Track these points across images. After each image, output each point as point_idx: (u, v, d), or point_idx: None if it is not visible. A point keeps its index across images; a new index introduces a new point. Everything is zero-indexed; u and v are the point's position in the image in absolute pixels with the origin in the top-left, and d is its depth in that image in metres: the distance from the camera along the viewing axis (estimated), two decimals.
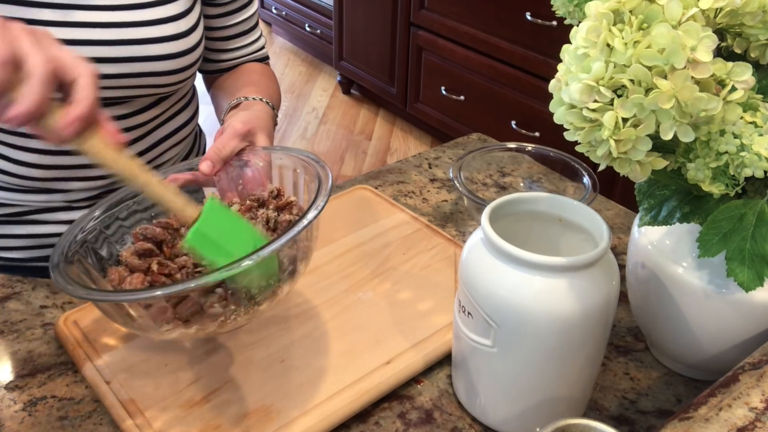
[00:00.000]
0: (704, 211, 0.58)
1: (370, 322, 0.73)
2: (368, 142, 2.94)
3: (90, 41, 0.78)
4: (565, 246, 0.63)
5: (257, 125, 0.78)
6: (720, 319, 0.61)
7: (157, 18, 0.82)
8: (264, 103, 0.87)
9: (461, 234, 0.90)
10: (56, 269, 0.60)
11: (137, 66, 0.81)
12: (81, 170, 0.86)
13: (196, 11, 0.88)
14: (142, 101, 0.87)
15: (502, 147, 0.97)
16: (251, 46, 1.01)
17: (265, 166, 0.75)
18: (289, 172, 0.73)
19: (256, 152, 0.76)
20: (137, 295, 0.58)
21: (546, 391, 0.60)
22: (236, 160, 0.75)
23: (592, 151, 0.50)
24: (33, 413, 0.64)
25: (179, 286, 0.54)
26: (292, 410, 0.63)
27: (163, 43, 0.82)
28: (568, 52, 0.50)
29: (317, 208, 0.59)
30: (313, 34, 3.45)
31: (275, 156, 0.75)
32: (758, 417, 0.49)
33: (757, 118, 0.51)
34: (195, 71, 0.92)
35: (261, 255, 0.54)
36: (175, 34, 0.83)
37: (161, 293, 0.55)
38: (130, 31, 0.80)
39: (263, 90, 0.91)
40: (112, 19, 0.79)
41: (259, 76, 0.97)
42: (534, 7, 2.15)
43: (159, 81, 0.85)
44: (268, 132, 0.80)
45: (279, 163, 0.74)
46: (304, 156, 0.71)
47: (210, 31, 0.96)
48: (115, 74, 0.81)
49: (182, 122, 0.96)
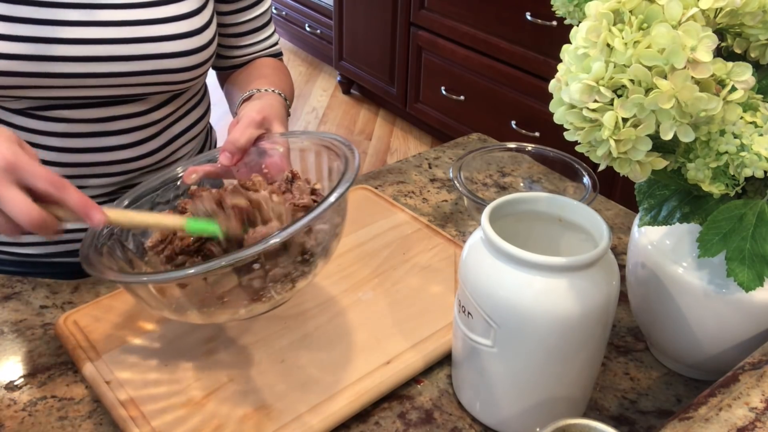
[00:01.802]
0: (704, 211, 0.58)
1: (370, 322, 0.73)
2: (368, 142, 2.94)
3: (105, 40, 0.79)
4: (565, 246, 0.63)
5: (271, 113, 0.78)
6: (720, 319, 0.61)
7: (170, 15, 0.83)
8: (276, 94, 0.87)
9: (461, 234, 0.90)
10: (86, 260, 0.62)
11: (152, 63, 0.82)
12: (99, 167, 0.87)
13: (209, 8, 0.88)
14: (157, 98, 0.88)
15: (502, 147, 0.97)
16: (264, 42, 1.01)
17: (284, 151, 0.75)
18: (311, 155, 0.73)
19: (273, 139, 0.76)
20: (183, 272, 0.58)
21: (546, 391, 0.60)
22: (254, 149, 0.75)
23: (592, 151, 0.50)
24: (33, 413, 0.64)
25: (218, 262, 0.54)
26: (292, 410, 0.63)
27: (177, 41, 0.83)
28: (568, 52, 0.50)
29: (348, 182, 0.61)
30: (313, 34, 3.45)
31: (293, 140, 0.75)
32: (758, 417, 0.49)
33: (757, 118, 0.51)
34: (209, 68, 0.92)
35: (297, 227, 0.55)
36: (188, 31, 0.84)
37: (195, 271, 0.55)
38: (145, 29, 0.81)
39: (275, 83, 0.91)
40: (126, 17, 0.80)
41: (272, 70, 0.97)
42: (534, 7, 2.15)
43: (173, 78, 0.85)
44: (283, 119, 0.80)
45: (299, 146, 0.75)
46: (326, 137, 0.71)
47: (223, 28, 0.96)
48: (130, 72, 0.81)
49: (195, 119, 0.96)
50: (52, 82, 0.78)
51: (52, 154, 0.84)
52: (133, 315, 0.74)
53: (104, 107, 0.84)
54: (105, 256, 0.65)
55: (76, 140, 0.84)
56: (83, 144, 0.84)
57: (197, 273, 0.56)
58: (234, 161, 0.73)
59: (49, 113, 0.82)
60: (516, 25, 2.23)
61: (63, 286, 0.79)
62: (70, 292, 0.79)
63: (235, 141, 0.73)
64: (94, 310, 0.74)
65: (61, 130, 0.83)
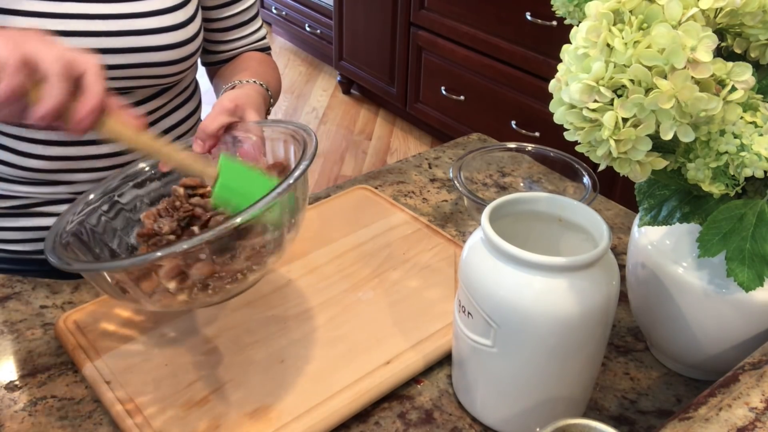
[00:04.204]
0: (704, 211, 0.58)
1: (370, 322, 0.73)
2: (368, 142, 2.94)
3: (89, 32, 0.80)
4: (565, 246, 0.63)
5: (246, 102, 0.78)
6: (720, 319, 0.61)
7: (154, 9, 0.83)
8: (257, 84, 0.87)
9: (461, 234, 0.90)
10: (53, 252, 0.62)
11: (137, 57, 0.83)
12: (86, 161, 0.87)
13: (194, 2, 0.89)
14: (145, 92, 0.88)
15: (502, 147, 0.97)
16: (250, 36, 1.01)
17: (257, 140, 0.75)
18: (279, 144, 0.73)
19: (247, 127, 0.76)
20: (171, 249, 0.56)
21: (546, 391, 0.60)
22: (228, 137, 0.75)
23: (592, 151, 0.50)
24: (33, 413, 0.64)
25: (193, 240, 0.54)
26: (292, 410, 0.63)
27: (162, 34, 0.84)
28: (568, 52, 0.50)
29: (308, 159, 0.62)
30: (313, 34, 3.45)
31: (266, 129, 0.75)
32: (758, 417, 0.49)
33: (757, 118, 0.51)
34: (195, 61, 0.93)
35: (269, 199, 0.56)
36: (172, 24, 0.85)
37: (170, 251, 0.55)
38: (129, 23, 0.82)
39: (259, 74, 0.91)
40: (110, 10, 0.81)
41: (257, 63, 0.98)
42: (534, 7, 2.15)
43: (159, 71, 0.86)
44: (257, 108, 0.80)
45: (268, 136, 0.75)
46: (291, 127, 0.72)
47: (208, 23, 0.97)
48: (115, 65, 0.82)
49: (185, 114, 0.97)
50: None
51: (37, 147, 0.84)
52: (133, 315, 0.74)
53: None
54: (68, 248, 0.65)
55: (62, 133, 0.84)
56: (70, 137, 0.84)
57: (146, 260, 0.55)
58: (206, 148, 0.73)
59: None
60: (516, 25, 2.23)
61: (63, 286, 0.79)
62: (70, 292, 0.79)
63: (205, 128, 0.73)
64: (94, 310, 0.74)
65: None
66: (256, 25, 1.02)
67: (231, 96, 0.78)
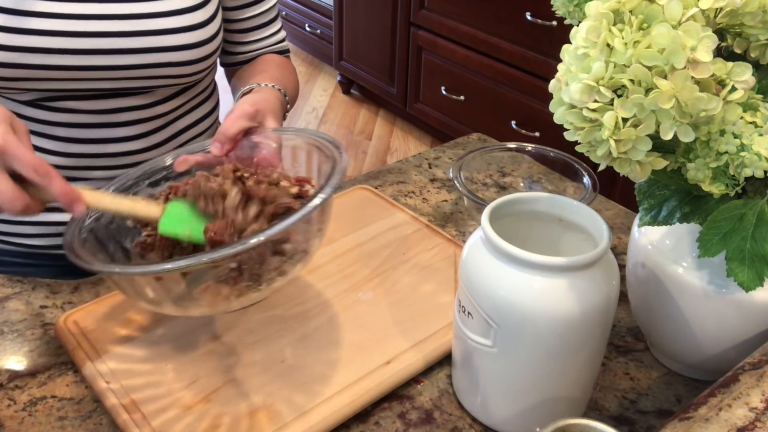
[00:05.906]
0: (704, 211, 0.58)
1: (370, 322, 0.73)
2: (368, 142, 2.94)
3: (107, 33, 0.80)
4: (565, 246, 0.63)
5: (265, 107, 0.78)
6: (720, 319, 0.61)
7: (172, 9, 0.83)
8: (275, 89, 0.87)
9: (461, 234, 0.90)
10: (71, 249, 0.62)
11: (155, 56, 0.83)
12: (104, 158, 0.87)
13: (214, 2, 0.89)
14: (164, 91, 0.88)
15: (502, 147, 0.97)
16: (269, 38, 1.01)
17: (276, 147, 0.75)
18: (302, 153, 0.73)
19: (266, 134, 0.76)
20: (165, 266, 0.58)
21: (546, 391, 0.60)
22: (246, 141, 0.75)
23: (592, 151, 0.50)
24: (33, 413, 0.64)
25: (199, 257, 0.55)
26: (292, 410, 0.63)
27: (179, 34, 0.84)
28: (568, 52, 0.50)
29: (330, 187, 0.60)
30: (313, 34, 3.45)
31: (286, 137, 0.75)
32: (758, 417, 0.49)
33: (757, 118, 0.51)
34: (214, 62, 0.93)
35: (270, 233, 0.55)
36: (191, 25, 0.85)
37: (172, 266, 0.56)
38: (147, 23, 0.82)
39: (276, 78, 0.91)
40: (128, 10, 0.81)
41: (275, 66, 0.97)
42: (534, 7, 2.15)
43: (178, 71, 0.86)
44: (276, 114, 0.80)
45: (291, 144, 0.74)
46: (318, 137, 0.71)
47: (228, 24, 0.97)
48: (134, 65, 0.82)
49: (203, 114, 0.97)
50: (56, 74, 0.79)
51: (58, 144, 0.85)
52: (134, 315, 0.74)
53: (110, 99, 0.84)
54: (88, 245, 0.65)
55: (82, 131, 0.85)
56: (89, 135, 0.85)
57: (174, 269, 0.57)
58: (224, 151, 0.73)
59: (55, 104, 0.83)
60: (516, 25, 2.23)
61: (63, 286, 0.79)
62: (70, 292, 0.79)
63: (225, 131, 0.73)
64: (94, 310, 0.74)
65: (67, 120, 0.83)
66: (276, 27, 1.02)
67: (251, 100, 0.78)
